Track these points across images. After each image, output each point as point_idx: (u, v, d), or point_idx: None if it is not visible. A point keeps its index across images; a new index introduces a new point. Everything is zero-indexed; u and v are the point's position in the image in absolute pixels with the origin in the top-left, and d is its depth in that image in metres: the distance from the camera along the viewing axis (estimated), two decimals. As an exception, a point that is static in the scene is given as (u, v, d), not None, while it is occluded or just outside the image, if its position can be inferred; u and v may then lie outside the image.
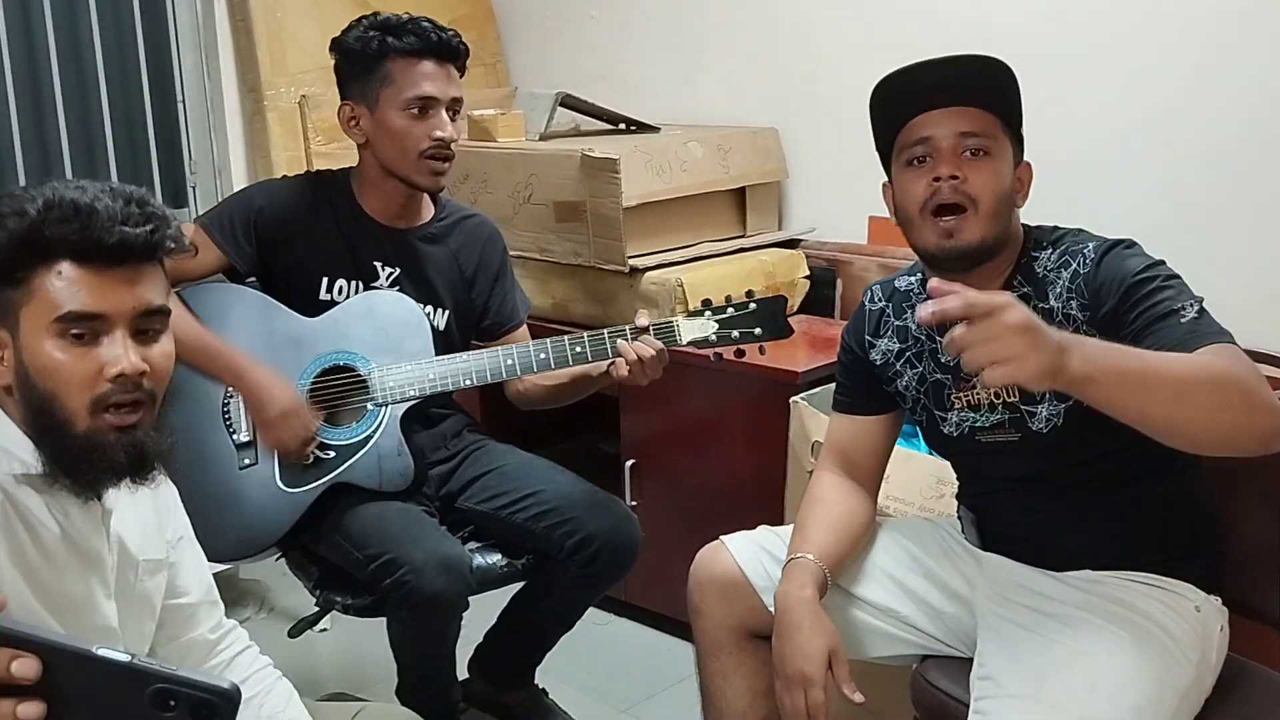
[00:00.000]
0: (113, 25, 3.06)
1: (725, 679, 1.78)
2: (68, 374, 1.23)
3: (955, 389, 1.68)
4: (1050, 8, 2.59)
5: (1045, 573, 1.67)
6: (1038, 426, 1.61)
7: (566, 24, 3.46)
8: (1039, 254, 1.62)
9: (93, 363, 1.23)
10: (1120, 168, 2.54)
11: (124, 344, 1.24)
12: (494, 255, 2.30)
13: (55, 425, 1.24)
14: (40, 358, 1.22)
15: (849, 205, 2.95)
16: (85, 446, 1.24)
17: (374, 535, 1.98)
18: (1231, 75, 2.39)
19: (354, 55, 2.09)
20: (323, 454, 2.05)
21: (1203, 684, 1.57)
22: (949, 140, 1.57)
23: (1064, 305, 1.56)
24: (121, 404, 1.24)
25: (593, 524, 2.08)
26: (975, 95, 1.57)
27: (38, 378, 1.23)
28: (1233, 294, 2.38)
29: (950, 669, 1.72)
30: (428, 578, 1.90)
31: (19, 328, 1.23)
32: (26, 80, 2.91)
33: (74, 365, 1.23)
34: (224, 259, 2.12)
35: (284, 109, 3.17)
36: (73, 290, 1.21)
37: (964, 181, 1.55)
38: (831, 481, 1.81)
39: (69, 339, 1.22)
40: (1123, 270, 1.51)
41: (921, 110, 1.59)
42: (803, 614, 1.62)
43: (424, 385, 2.06)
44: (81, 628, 1.32)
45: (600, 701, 2.62)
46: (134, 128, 3.13)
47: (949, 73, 1.57)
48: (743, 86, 3.14)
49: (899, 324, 1.76)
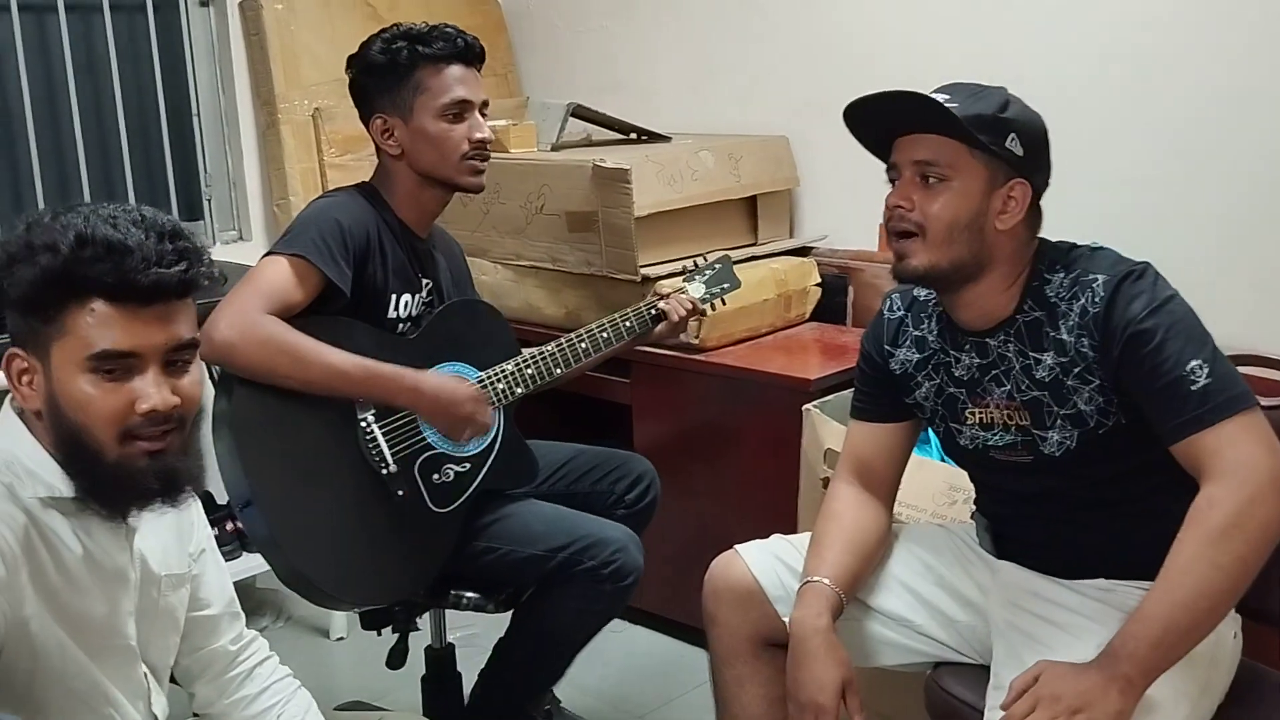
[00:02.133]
0: (128, 40, 3.09)
1: (741, 687, 1.79)
2: (98, 409, 1.24)
3: (969, 404, 1.68)
4: (1057, 14, 2.59)
5: (1058, 581, 1.67)
6: (1049, 450, 1.61)
7: (578, 34, 3.47)
8: (1051, 276, 1.60)
9: (124, 398, 1.24)
10: (1129, 173, 2.55)
11: (155, 380, 1.25)
12: (463, 259, 2.39)
13: (86, 454, 1.25)
14: (71, 391, 1.24)
15: (860, 213, 2.95)
16: (117, 474, 1.26)
17: (550, 529, 2.07)
18: (1242, 81, 2.39)
19: (381, 68, 2.08)
20: (459, 468, 2.06)
21: (1215, 690, 1.57)
22: (908, 169, 1.60)
23: (1075, 341, 1.56)
24: (151, 435, 1.26)
25: (638, 466, 2.33)
26: (936, 122, 1.57)
27: (68, 409, 1.24)
28: (1243, 296, 2.39)
29: (964, 675, 1.73)
30: (633, 553, 2.06)
31: (50, 359, 1.24)
32: (44, 95, 2.94)
33: (105, 400, 1.24)
34: (323, 285, 1.96)
35: (298, 121, 3.19)
36: (105, 329, 1.22)
37: (911, 210, 1.59)
38: (848, 495, 1.80)
39: (100, 375, 1.23)
40: (1127, 315, 1.51)
41: (895, 135, 1.63)
42: (818, 643, 1.62)
43: (527, 381, 2.13)
44: (102, 648, 1.33)
45: (615, 709, 2.63)
46: (149, 141, 3.16)
47: (900, 104, 1.59)
48: (753, 95, 3.15)
49: (917, 334, 1.76)
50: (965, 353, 1.68)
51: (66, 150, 2.99)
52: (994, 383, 1.64)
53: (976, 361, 1.66)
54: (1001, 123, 1.57)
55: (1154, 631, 1.43)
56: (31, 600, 1.25)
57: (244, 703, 1.55)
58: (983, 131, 1.55)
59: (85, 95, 3.00)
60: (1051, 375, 1.58)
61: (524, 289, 2.97)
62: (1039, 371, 1.59)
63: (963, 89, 1.60)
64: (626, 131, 3.09)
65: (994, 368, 1.64)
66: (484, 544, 2.07)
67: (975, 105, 1.56)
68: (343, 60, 2.16)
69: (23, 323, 1.25)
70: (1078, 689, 1.43)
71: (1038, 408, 1.60)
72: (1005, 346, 1.63)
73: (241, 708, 1.55)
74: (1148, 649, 1.43)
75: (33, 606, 1.25)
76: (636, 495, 2.29)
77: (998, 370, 1.64)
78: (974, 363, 1.67)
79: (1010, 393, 1.63)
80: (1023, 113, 1.61)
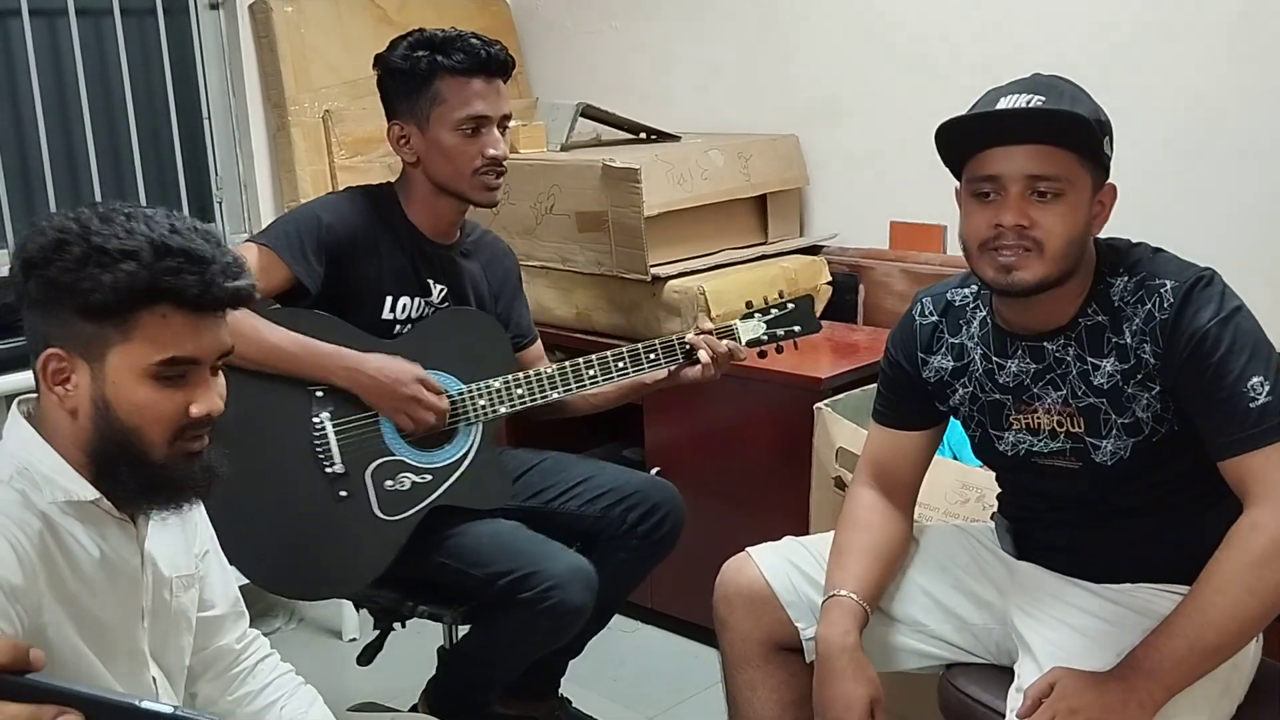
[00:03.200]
0: (138, 43, 3.10)
1: (754, 691, 1.78)
2: (156, 412, 1.26)
3: (1015, 410, 1.64)
4: (1085, 12, 2.59)
5: (1078, 583, 1.66)
6: (1101, 459, 1.57)
7: (586, 34, 3.47)
8: (1114, 280, 1.56)
9: (180, 402, 1.27)
10: (1140, 167, 2.53)
11: (209, 385, 1.29)
12: (513, 270, 2.31)
13: (131, 455, 1.27)
14: (129, 394, 1.25)
15: (870, 211, 2.95)
16: (166, 474, 1.29)
17: (496, 553, 1.99)
18: (1256, 74, 2.38)
19: (402, 74, 2.05)
20: (418, 478, 2.04)
21: (1234, 691, 1.56)
22: (1018, 184, 1.48)
23: (1137, 345, 1.52)
24: (195, 436, 1.30)
25: (656, 496, 2.18)
26: (1050, 132, 1.47)
27: (121, 412, 1.26)
28: (1256, 294, 2.38)
29: (978, 675, 1.72)
30: (573, 590, 1.95)
31: (106, 362, 1.25)
32: (55, 99, 2.95)
33: (163, 404, 1.26)
34: (291, 279, 2.01)
35: (308, 124, 3.20)
36: (176, 336, 1.25)
37: (1031, 227, 1.48)
38: (870, 502, 1.78)
39: (161, 380, 1.26)
40: (1195, 323, 1.47)
41: (992, 143, 1.50)
42: (845, 662, 1.60)
43: (514, 401, 2.06)
44: (115, 653, 1.34)
45: (627, 709, 2.62)
46: (160, 144, 3.17)
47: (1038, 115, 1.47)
48: (763, 94, 3.14)
49: (954, 341, 1.71)
50: (1015, 358, 1.63)
51: (78, 154, 3.00)
52: (1050, 387, 1.60)
53: (1031, 367, 1.61)
54: (1102, 126, 1.51)
55: (1180, 648, 1.42)
56: (50, 607, 1.25)
57: (247, 699, 1.55)
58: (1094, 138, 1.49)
59: (96, 99, 3.00)
60: (1111, 382, 1.54)
61: (534, 289, 2.97)
62: (1097, 378, 1.55)
63: (1054, 88, 1.51)
64: (636, 131, 3.09)
65: (1049, 372, 1.60)
66: (440, 558, 2.03)
67: (1080, 109, 1.49)
68: (353, 62, 2.16)
69: (78, 326, 1.24)
70: (1097, 702, 1.42)
71: (1094, 415, 1.56)
72: (1064, 350, 1.58)
73: (244, 704, 1.55)
74: (1172, 665, 1.42)
75: (50, 613, 1.25)
76: (650, 527, 2.16)
77: (1054, 375, 1.59)
78: (1026, 368, 1.62)
79: (1065, 398, 1.58)
80: (1102, 109, 1.54)
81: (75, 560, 1.28)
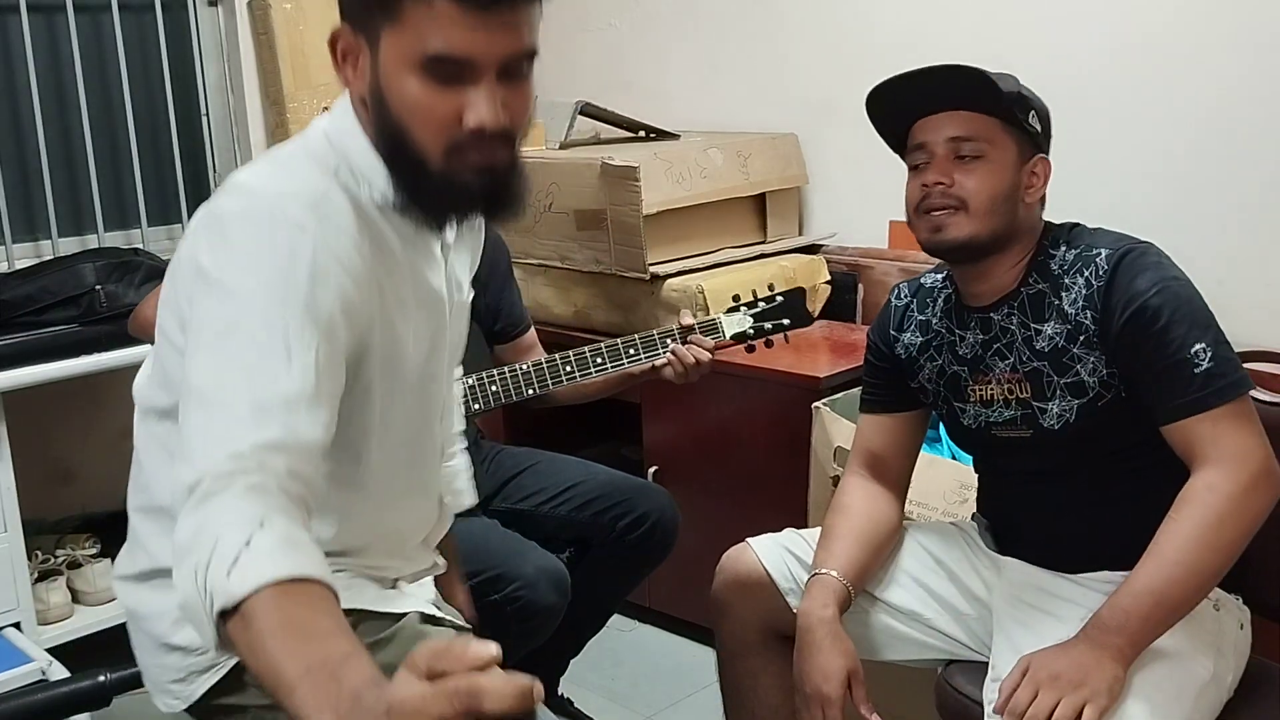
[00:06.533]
0: (137, 39, 3.09)
1: (755, 679, 1.80)
2: (425, 114, 1.14)
3: (971, 380, 1.69)
4: (1071, 6, 2.59)
5: (1060, 575, 1.67)
6: (1049, 423, 1.62)
7: (586, 32, 3.47)
8: (1055, 251, 1.63)
9: (452, 107, 1.13)
10: (1143, 166, 2.54)
11: (489, 94, 1.13)
12: (502, 257, 2.32)
13: (408, 157, 1.17)
14: (399, 88, 1.14)
15: (869, 210, 2.95)
16: (442, 185, 1.17)
17: (466, 553, 1.97)
18: (1261, 74, 2.38)
19: None
20: None
21: (1221, 682, 1.57)
22: (942, 147, 1.60)
23: (1078, 312, 1.57)
24: (480, 149, 1.16)
25: (644, 504, 2.17)
26: (968, 99, 1.58)
27: (393, 106, 1.15)
28: (1259, 292, 2.38)
29: (974, 673, 1.72)
30: (541, 591, 1.95)
31: (380, 45, 1.15)
32: (53, 95, 2.95)
33: (433, 107, 1.13)
34: None
35: (306, 120, 3.17)
36: (445, 29, 1.10)
37: (952, 186, 1.59)
38: (858, 487, 1.81)
39: (432, 77, 1.13)
40: (1131, 290, 1.53)
41: (919, 115, 1.63)
42: (823, 634, 1.63)
43: (489, 398, 2.06)
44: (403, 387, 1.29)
45: (625, 708, 2.62)
46: (159, 141, 3.16)
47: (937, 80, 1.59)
48: (762, 93, 3.14)
49: (921, 318, 1.78)
50: (970, 330, 1.69)
51: (76, 150, 2.99)
52: (997, 356, 1.66)
53: (980, 337, 1.68)
54: (1023, 100, 1.61)
55: (1145, 606, 1.46)
56: (377, 327, 1.20)
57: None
58: (1014, 105, 1.58)
59: (94, 95, 3.00)
60: (1051, 345, 1.60)
61: (532, 287, 2.97)
62: (1039, 342, 1.61)
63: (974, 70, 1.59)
64: (635, 129, 3.09)
65: (996, 341, 1.66)
66: None
67: (1000, 82, 1.57)
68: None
69: (359, 2, 1.16)
70: (1074, 664, 1.45)
71: (1038, 378, 1.62)
72: (1009, 319, 1.64)
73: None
74: (1139, 622, 1.46)
75: (378, 334, 1.20)
76: (638, 537, 2.17)
77: (1000, 344, 1.65)
78: (978, 339, 1.68)
79: (1013, 365, 1.64)
80: (1031, 92, 1.64)
81: (396, 275, 1.21)
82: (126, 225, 3.13)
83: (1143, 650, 1.47)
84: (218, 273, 1.11)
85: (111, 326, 2.52)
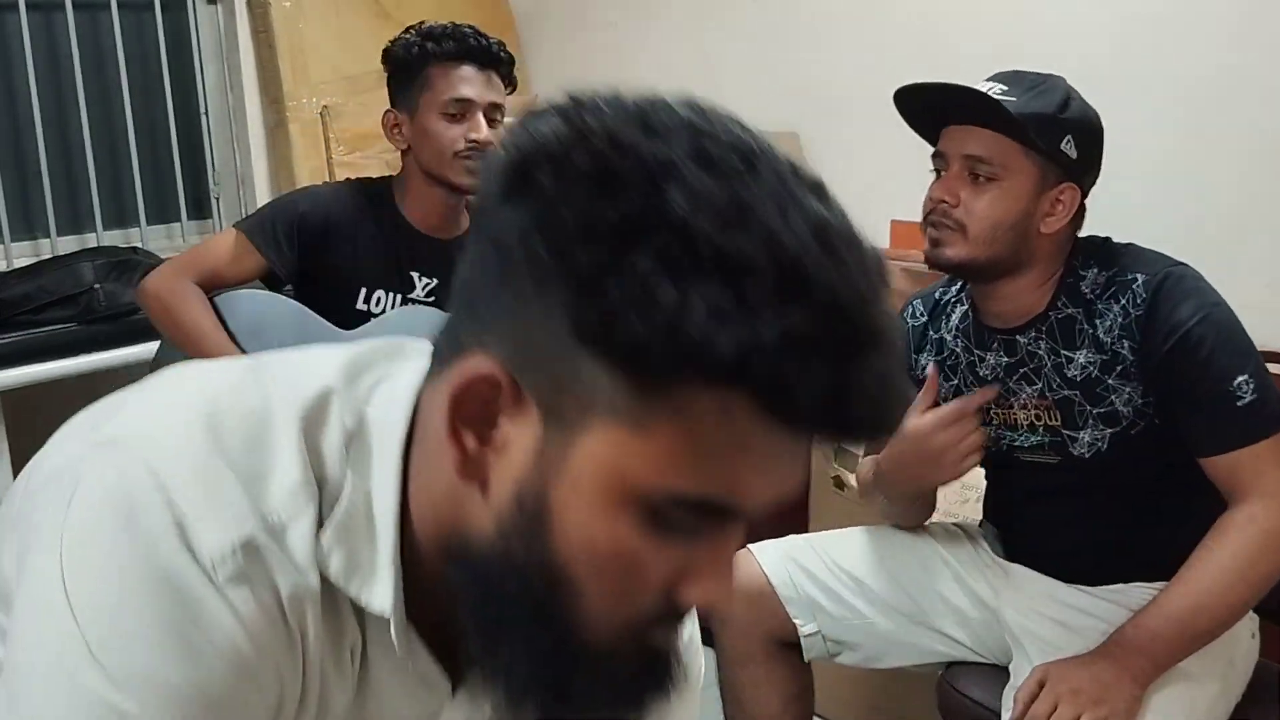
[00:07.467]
0: (136, 38, 3.09)
1: (757, 688, 1.78)
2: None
3: (994, 405, 1.65)
4: (1090, 9, 2.58)
5: (1076, 587, 1.65)
6: (1079, 451, 1.58)
7: (586, 30, 3.46)
8: (1085, 272, 1.57)
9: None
10: (1141, 163, 2.53)
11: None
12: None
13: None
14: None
15: (870, 210, 2.89)
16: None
17: None
18: (1262, 68, 2.37)
19: (398, 63, 2.12)
20: None
21: (1231, 691, 1.56)
22: (957, 162, 1.55)
23: (1114, 341, 1.52)
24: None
25: None
26: (991, 117, 1.51)
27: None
28: (1259, 292, 2.37)
29: (977, 676, 1.72)
30: None
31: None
32: (51, 93, 2.94)
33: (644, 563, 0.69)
34: (264, 265, 2.09)
35: (306, 119, 3.19)
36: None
37: (956, 206, 1.54)
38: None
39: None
40: (1173, 319, 1.48)
41: (947, 121, 1.57)
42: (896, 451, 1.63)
43: None
44: None
45: (625, 708, 2.61)
46: (157, 139, 3.15)
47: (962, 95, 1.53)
48: (762, 91, 3.13)
49: (936, 337, 1.73)
50: (992, 351, 1.64)
51: (74, 149, 2.98)
52: (1024, 381, 1.61)
53: (1005, 360, 1.63)
54: (1059, 123, 1.51)
55: (1171, 630, 1.45)
56: None
57: None
58: (1039, 132, 1.49)
59: (93, 93, 2.99)
60: (1085, 374, 1.55)
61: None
62: (1071, 370, 1.56)
63: (1023, 80, 1.53)
64: (635, 129, 3.08)
65: (1023, 365, 1.61)
66: None
67: (1034, 102, 1.50)
68: (351, 58, 2.19)
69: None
70: (1094, 680, 1.43)
71: (1069, 406, 1.57)
72: (1036, 344, 1.59)
73: None
74: (1164, 645, 1.45)
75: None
76: None
77: (1027, 368, 1.60)
78: (1001, 361, 1.63)
79: (1042, 391, 1.59)
80: (1082, 111, 1.55)
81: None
82: (125, 224, 3.12)
83: (1164, 673, 1.46)
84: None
85: (110, 326, 2.52)
